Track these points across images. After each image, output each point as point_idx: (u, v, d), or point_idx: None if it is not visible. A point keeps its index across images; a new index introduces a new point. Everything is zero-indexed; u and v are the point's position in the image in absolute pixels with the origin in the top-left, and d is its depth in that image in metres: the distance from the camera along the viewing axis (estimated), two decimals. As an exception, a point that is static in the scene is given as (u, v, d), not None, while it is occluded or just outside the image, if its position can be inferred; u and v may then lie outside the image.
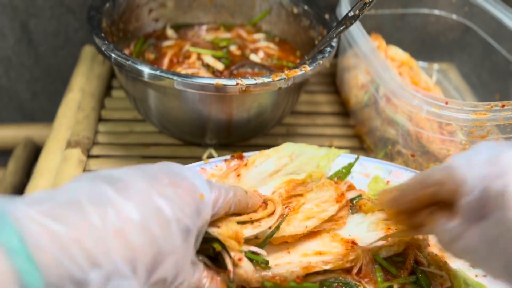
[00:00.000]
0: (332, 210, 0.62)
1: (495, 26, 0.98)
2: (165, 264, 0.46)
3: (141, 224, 0.44)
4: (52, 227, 0.39)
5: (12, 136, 1.16)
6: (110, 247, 0.41)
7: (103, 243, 0.41)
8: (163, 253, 0.45)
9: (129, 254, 0.42)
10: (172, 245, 0.46)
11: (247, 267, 0.55)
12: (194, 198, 0.49)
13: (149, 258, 0.44)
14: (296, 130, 0.94)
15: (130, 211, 0.43)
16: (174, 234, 0.46)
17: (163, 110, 0.77)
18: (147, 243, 0.44)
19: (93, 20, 0.79)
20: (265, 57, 0.92)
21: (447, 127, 0.77)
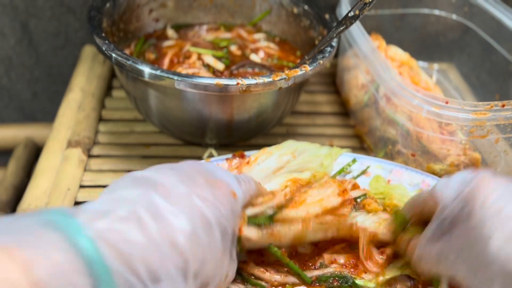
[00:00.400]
0: (335, 202, 0.62)
1: (495, 26, 0.98)
2: (208, 268, 0.47)
3: (192, 233, 0.45)
4: (120, 245, 0.40)
5: (12, 136, 1.16)
6: (167, 260, 0.43)
7: (163, 257, 0.42)
8: (207, 258, 0.46)
9: (183, 264, 0.44)
10: (214, 248, 0.47)
11: (249, 231, 0.56)
12: (229, 198, 0.50)
13: (197, 265, 0.45)
14: (296, 130, 0.94)
15: (181, 221, 0.44)
16: (216, 237, 0.47)
17: (163, 110, 0.78)
18: (196, 251, 0.45)
19: (94, 20, 0.79)
20: (265, 57, 0.92)
21: (447, 127, 0.77)
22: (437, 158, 0.78)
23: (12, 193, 1.00)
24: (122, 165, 0.83)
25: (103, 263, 0.39)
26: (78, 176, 0.79)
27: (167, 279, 0.42)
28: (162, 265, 0.42)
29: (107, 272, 0.38)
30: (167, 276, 0.42)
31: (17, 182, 1.03)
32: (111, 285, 0.39)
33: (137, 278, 0.40)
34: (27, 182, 0.79)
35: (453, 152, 0.77)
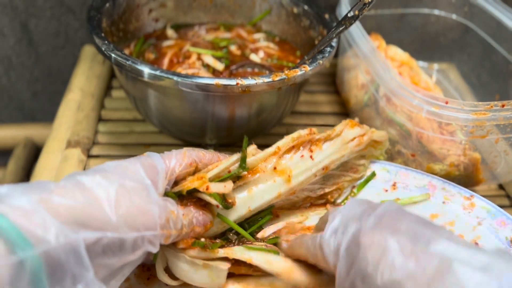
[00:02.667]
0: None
1: (495, 26, 0.98)
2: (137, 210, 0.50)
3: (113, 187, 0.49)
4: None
5: (12, 136, 1.16)
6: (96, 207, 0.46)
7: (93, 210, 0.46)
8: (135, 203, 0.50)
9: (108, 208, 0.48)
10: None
11: (216, 186, 0.58)
12: (135, 164, 0.55)
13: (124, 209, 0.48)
14: (296, 130, 0.94)
15: (100, 181, 0.49)
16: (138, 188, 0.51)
17: (163, 110, 0.77)
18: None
19: (93, 20, 0.79)
20: (265, 57, 0.92)
21: (447, 127, 0.77)
22: (437, 158, 0.78)
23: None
24: (122, 165, 0.83)
25: (10, 223, 0.40)
26: (78, 176, 0.78)
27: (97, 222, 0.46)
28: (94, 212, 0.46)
29: (14, 229, 0.40)
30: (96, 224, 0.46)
31: (16, 182, 1.03)
32: (22, 240, 0.40)
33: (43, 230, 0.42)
34: (27, 182, 0.79)
35: (453, 152, 0.77)
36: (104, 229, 0.46)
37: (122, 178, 0.51)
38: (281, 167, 0.64)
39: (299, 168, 0.65)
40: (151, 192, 0.52)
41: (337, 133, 0.69)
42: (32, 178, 0.78)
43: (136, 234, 0.48)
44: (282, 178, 0.63)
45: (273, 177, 0.63)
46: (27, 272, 0.40)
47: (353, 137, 0.70)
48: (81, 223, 0.45)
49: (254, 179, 0.63)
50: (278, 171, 0.63)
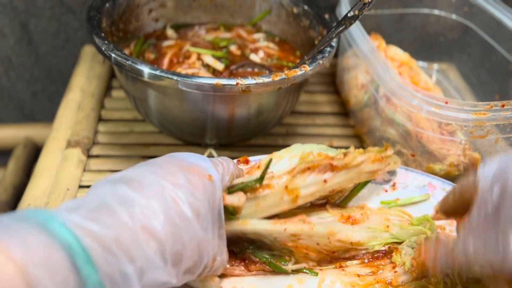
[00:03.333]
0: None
1: (495, 26, 0.98)
2: (189, 250, 0.49)
3: (163, 216, 0.47)
4: (93, 229, 0.43)
5: (12, 136, 1.16)
6: (141, 241, 0.45)
7: (135, 238, 0.44)
8: (185, 240, 0.48)
9: (158, 246, 0.46)
10: (190, 229, 0.49)
11: (232, 198, 0.58)
12: (203, 180, 0.52)
13: (175, 247, 0.47)
14: (296, 130, 0.94)
15: (152, 206, 0.47)
16: (190, 219, 0.49)
17: (163, 110, 0.77)
18: (170, 233, 0.47)
19: (93, 20, 0.79)
20: (265, 57, 0.92)
21: (447, 127, 0.77)
22: (437, 158, 0.78)
23: (12, 193, 1.00)
24: (122, 165, 0.83)
25: (80, 244, 0.41)
26: (78, 176, 0.79)
27: (141, 258, 0.44)
28: (135, 246, 0.44)
29: (85, 253, 0.41)
30: (142, 257, 0.44)
31: (16, 182, 1.03)
32: (89, 264, 0.41)
33: (112, 256, 0.43)
34: (27, 182, 0.79)
35: (453, 152, 0.77)
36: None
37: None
38: (292, 186, 0.63)
39: (308, 189, 0.64)
40: (203, 224, 0.51)
41: (357, 163, 0.67)
42: (32, 178, 0.78)
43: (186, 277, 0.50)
44: (290, 197, 0.63)
45: (282, 195, 0.63)
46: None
47: (370, 170, 0.68)
48: (129, 255, 0.45)
49: (264, 195, 0.62)
50: (288, 190, 0.63)
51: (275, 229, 0.59)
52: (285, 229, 0.60)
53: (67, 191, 0.75)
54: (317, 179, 0.64)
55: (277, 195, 0.62)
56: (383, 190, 0.74)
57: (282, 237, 0.61)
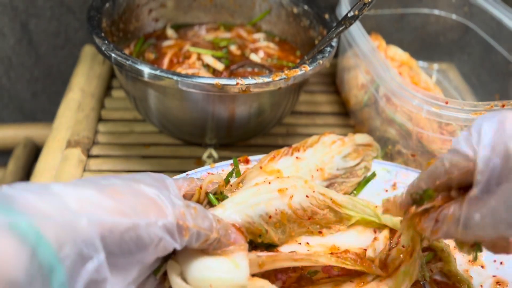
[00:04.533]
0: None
1: (495, 26, 0.98)
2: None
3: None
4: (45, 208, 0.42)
5: (12, 136, 1.16)
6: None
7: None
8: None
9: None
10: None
11: (207, 179, 0.60)
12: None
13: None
14: (296, 130, 0.94)
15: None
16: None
17: (163, 110, 0.77)
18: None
19: (93, 20, 0.79)
20: (265, 57, 0.92)
21: (447, 127, 0.77)
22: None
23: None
24: (122, 165, 0.83)
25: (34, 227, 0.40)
26: (78, 176, 0.79)
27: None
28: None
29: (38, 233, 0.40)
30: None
31: (16, 181, 1.03)
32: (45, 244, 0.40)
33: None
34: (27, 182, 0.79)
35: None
36: (118, 215, 0.45)
37: (133, 179, 0.51)
38: (268, 167, 0.65)
39: (288, 168, 0.66)
40: (162, 191, 0.51)
41: (313, 140, 0.72)
42: (32, 178, 0.78)
43: (148, 219, 0.47)
44: (273, 176, 0.64)
45: (264, 176, 0.64)
46: (38, 258, 0.40)
47: (331, 140, 0.72)
48: (95, 210, 0.44)
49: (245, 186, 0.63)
50: (267, 172, 0.65)
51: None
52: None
53: (67, 191, 0.75)
54: (289, 159, 0.68)
55: (259, 178, 0.63)
56: (383, 189, 0.74)
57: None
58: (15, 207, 0.41)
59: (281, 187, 0.60)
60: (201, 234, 0.50)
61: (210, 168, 0.71)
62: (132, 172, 0.81)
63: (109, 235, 0.44)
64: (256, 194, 0.60)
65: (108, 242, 0.44)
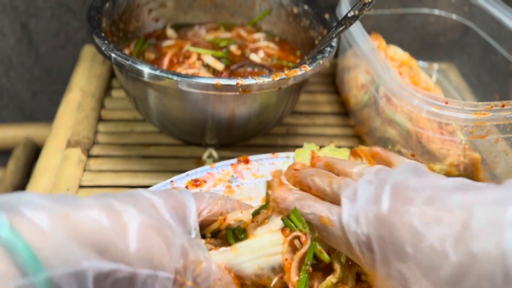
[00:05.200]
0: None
1: (495, 26, 0.98)
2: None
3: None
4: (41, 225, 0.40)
5: (12, 136, 1.16)
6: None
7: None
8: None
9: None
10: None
11: (233, 215, 0.56)
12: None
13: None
14: (296, 130, 0.94)
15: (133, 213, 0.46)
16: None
17: (163, 110, 0.77)
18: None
19: (93, 20, 0.79)
20: (265, 57, 0.92)
21: (447, 127, 0.77)
22: (437, 158, 0.78)
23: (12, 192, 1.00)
24: (122, 165, 0.83)
25: (23, 242, 0.39)
26: (78, 176, 0.79)
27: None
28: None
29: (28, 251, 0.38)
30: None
31: (16, 182, 1.03)
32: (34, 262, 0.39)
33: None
34: (27, 182, 0.79)
35: (453, 152, 0.77)
36: (120, 261, 0.43)
37: (151, 209, 0.48)
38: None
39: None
40: (176, 234, 0.48)
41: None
42: (32, 178, 0.78)
43: (149, 272, 0.45)
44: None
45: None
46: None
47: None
48: (100, 249, 0.42)
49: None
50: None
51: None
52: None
53: (67, 191, 0.75)
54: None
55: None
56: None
57: None
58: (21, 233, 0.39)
59: None
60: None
61: (210, 168, 0.72)
62: (132, 172, 0.81)
63: (104, 279, 0.42)
64: (277, 244, 0.55)
65: (101, 285, 0.42)
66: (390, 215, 0.47)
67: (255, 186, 0.72)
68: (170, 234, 0.48)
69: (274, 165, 0.74)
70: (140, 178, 0.80)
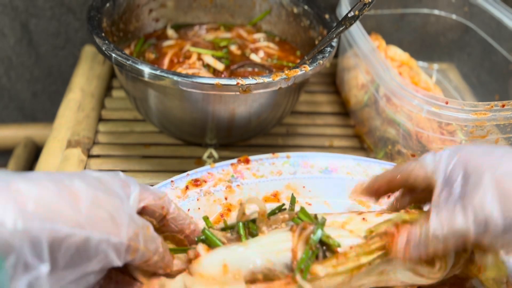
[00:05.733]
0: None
1: (495, 26, 0.98)
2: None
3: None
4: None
5: (12, 136, 1.16)
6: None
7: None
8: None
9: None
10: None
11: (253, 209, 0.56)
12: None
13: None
14: (296, 130, 0.94)
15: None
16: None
17: (163, 110, 0.78)
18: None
19: (94, 20, 0.79)
20: (265, 57, 0.92)
21: (447, 127, 0.77)
22: (437, 158, 0.78)
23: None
24: (122, 165, 0.83)
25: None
26: (78, 176, 0.79)
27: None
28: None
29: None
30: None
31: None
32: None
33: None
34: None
35: (453, 152, 0.77)
36: (74, 226, 0.44)
37: (99, 183, 0.49)
38: None
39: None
40: (124, 203, 0.50)
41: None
42: (33, 178, 0.78)
43: (102, 236, 0.46)
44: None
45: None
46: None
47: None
48: (52, 216, 0.43)
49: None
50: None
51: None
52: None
53: (68, 191, 0.75)
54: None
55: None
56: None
57: None
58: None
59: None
60: (145, 255, 0.50)
61: (211, 168, 0.72)
62: (132, 172, 0.81)
63: (58, 245, 0.43)
64: (286, 240, 0.54)
65: (56, 252, 0.43)
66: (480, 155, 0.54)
67: (255, 186, 0.72)
68: (119, 202, 0.49)
69: (274, 165, 0.74)
70: (140, 178, 0.80)
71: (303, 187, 0.73)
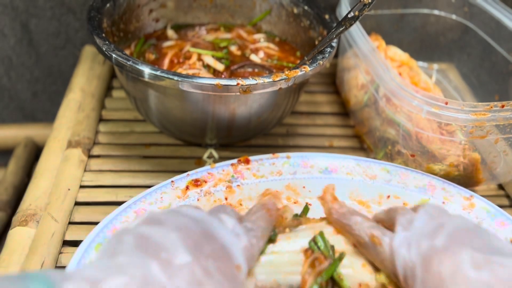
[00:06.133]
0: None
1: (495, 26, 0.98)
2: None
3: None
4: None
5: (12, 136, 1.16)
6: None
7: None
8: None
9: None
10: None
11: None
12: (232, 273, 0.48)
13: None
14: (296, 130, 0.94)
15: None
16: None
17: (163, 110, 0.78)
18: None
19: (94, 20, 0.79)
20: (265, 57, 0.93)
21: (447, 127, 0.77)
22: (437, 158, 0.78)
23: (12, 192, 1.00)
24: (122, 165, 0.83)
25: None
26: (78, 176, 0.79)
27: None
28: None
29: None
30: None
31: (17, 182, 1.03)
32: None
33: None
34: (27, 182, 0.80)
35: (453, 152, 0.77)
36: None
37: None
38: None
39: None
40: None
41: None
42: (33, 178, 0.78)
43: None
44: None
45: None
46: None
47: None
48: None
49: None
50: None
51: None
52: None
53: (68, 191, 0.75)
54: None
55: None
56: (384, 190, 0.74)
57: None
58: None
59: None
60: None
61: (211, 168, 0.72)
62: (133, 172, 0.81)
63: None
64: (297, 264, 0.55)
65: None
66: (443, 252, 0.49)
67: (256, 186, 0.72)
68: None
69: (275, 165, 0.74)
70: (141, 178, 0.80)
71: (303, 187, 0.73)
